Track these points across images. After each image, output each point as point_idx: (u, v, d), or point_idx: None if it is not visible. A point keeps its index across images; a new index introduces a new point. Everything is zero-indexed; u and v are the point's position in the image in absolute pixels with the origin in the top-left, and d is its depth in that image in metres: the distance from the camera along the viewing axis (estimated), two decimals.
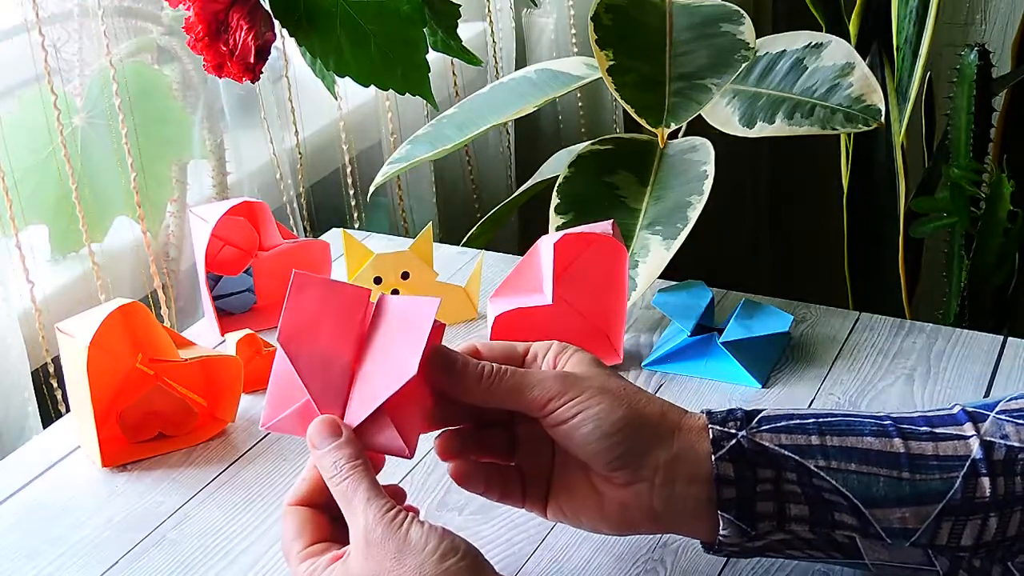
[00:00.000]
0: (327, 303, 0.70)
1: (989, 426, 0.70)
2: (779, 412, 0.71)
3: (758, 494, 0.69)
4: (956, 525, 0.68)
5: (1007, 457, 0.68)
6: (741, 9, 1.19)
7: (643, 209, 1.05)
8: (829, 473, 0.68)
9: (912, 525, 0.68)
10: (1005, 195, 1.52)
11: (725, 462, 0.69)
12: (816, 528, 0.69)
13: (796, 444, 0.69)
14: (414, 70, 0.96)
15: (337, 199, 1.47)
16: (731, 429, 0.70)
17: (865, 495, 0.68)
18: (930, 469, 0.68)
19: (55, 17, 1.09)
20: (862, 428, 0.70)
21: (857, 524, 0.69)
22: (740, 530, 0.69)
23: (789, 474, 0.69)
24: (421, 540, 0.63)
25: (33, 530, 0.82)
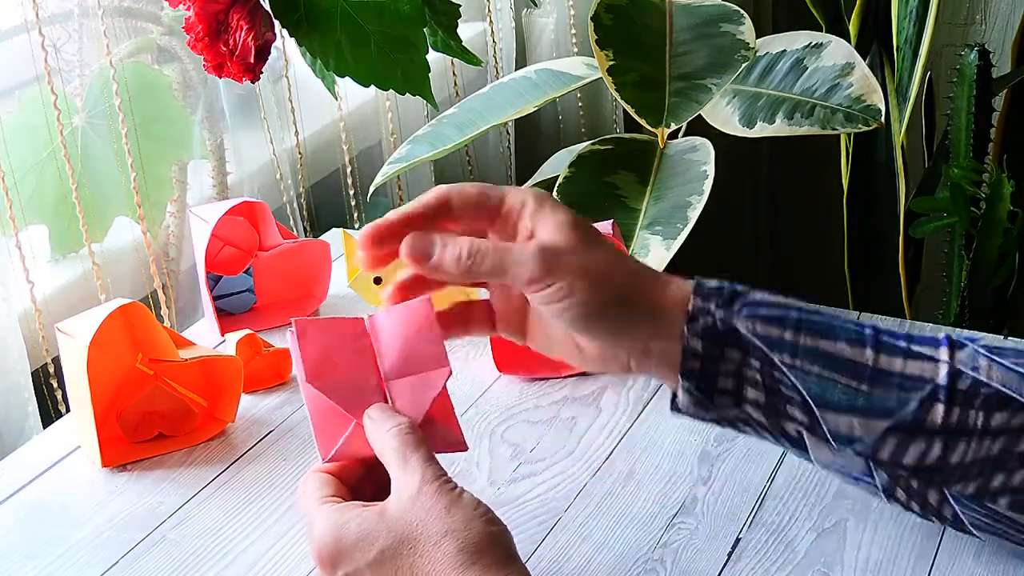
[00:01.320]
0: (332, 339, 0.72)
1: (964, 356, 0.71)
2: (766, 299, 0.72)
3: (721, 372, 0.71)
4: (901, 444, 0.70)
5: (970, 389, 0.69)
6: (741, 9, 1.19)
7: (643, 209, 1.05)
8: (791, 371, 0.70)
9: (858, 434, 0.70)
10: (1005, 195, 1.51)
11: (696, 337, 0.70)
12: (769, 415, 0.71)
13: (768, 335, 0.71)
14: (414, 70, 0.96)
15: (337, 199, 1.47)
16: (711, 306, 0.71)
17: (820, 398, 0.70)
18: (890, 386, 0.70)
19: (55, 17, 1.09)
20: (838, 333, 0.71)
21: (807, 421, 0.70)
22: (697, 400, 0.71)
23: (753, 361, 0.70)
24: (472, 501, 0.66)
25: (33, 530, 0.82)
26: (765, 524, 0.79)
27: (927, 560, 0.76)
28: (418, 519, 0.65)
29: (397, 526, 0.66)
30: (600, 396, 0.94)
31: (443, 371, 0.72)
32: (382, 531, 0.66)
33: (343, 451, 0.71)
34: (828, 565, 0.76)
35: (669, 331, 0.71)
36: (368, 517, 0.66)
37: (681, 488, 0.83)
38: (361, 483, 0.72)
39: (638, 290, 0.71)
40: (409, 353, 0.72)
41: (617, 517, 0.81)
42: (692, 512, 0.81)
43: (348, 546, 0.66)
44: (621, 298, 0.70)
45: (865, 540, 0.77)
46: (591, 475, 0.85)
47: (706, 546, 0.78)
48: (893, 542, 0.77)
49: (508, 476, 0.85)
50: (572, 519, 0.81)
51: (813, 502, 0.81)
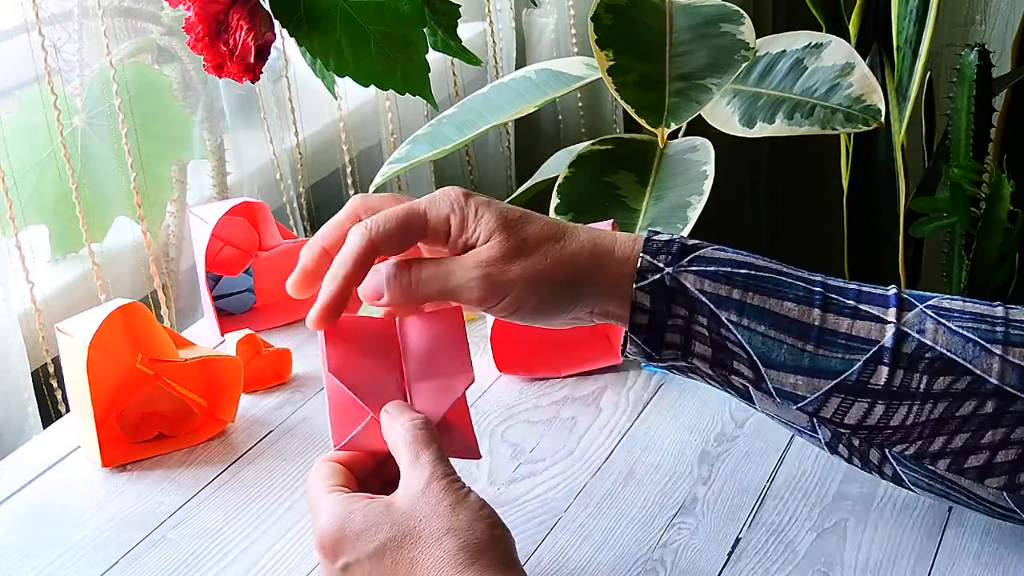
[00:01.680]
0: (360, 334, 0.73)
1: (912, 317, 0.71)
2: (715, 255, 0.73)
3: (668, 327, 0.72)
4: (843, 403, 0.71)
5: (915, 352, 0.70)
6: (741, 9, 1.19)
7: (643, 209, 1.05)
8: (738, 329, 0.71)
9: (802, 392, 0.71)
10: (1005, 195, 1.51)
11: (644, 292, 0.72)
12: (715, 368, 0.73)
13: (716, 293, 0.72)
14: (414, 70, 0.96)
15: (337, 199, 1.47)
16: (659, 263, 0.72)
17: (765, 357, 0.71)
18: (836, 347, 0.71)
19: (55, 17, 1.09)
20: (787, 292, 0.72)
21: (752, 377, 0.72)
22: (645, 352, 0.73)
23: (701, 318, 0.72)
24: (478, 502, 0.66)
25: (33, 530, 0.82)
26: (765, 524, 0.79)
27: (927, 560, 0.76)
28: (422, 514, 0.65)
29: (401, 519, 0.66)
30: (600, 396, 0.94)
31: (466, 377, 0.72)
32: (386, 523, 0.66)
33: (356, 442, 0.71)
34: (828, 565, 0.76)
35: (620, 294, 0.72)
36: (374, 508, 0.67)
37: (681, 488, 0.83)
38: (369, 477, 0.72)
39: (584, 272, 0.72)
40: (434, 357, 0.73)
41: (617, 517, 0.81)
42: (692, 512, 0.81)
43: (351, 535, 0.66)
44: (569, 288, 0.72)
45: (865, 540, 0.77)
46: (591, 475, 0.85)
47: (706, 546, 0.78)
48: (893, 542, 0.77)
49: (508, 476, 0.85)
50: (572, 519, 0.81)
51: (813, 502, 0.81)
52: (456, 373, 0.72)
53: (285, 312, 1.08)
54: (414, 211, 0.71)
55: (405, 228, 0.71)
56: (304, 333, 1.06)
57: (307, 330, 1.05)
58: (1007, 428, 0.69)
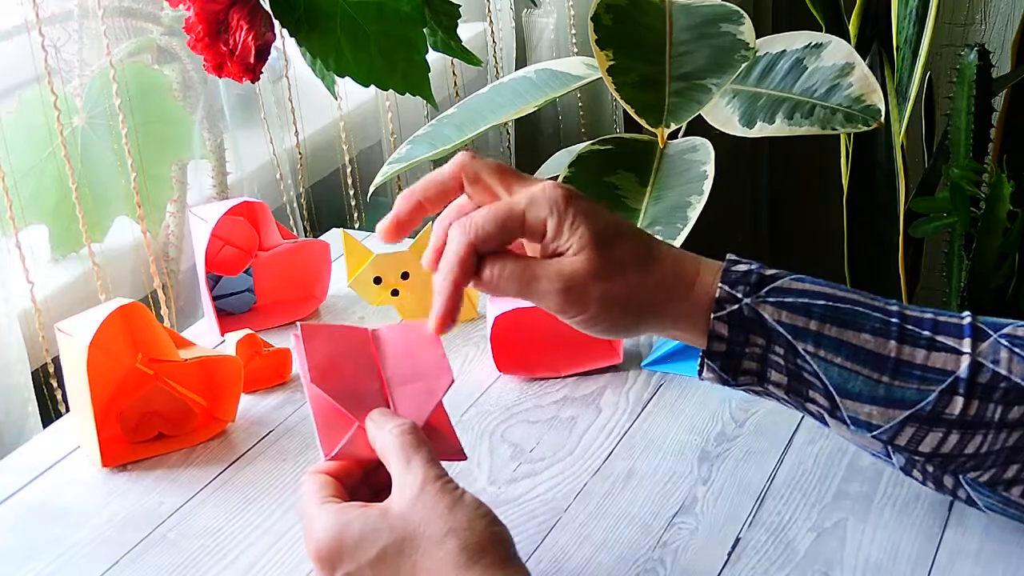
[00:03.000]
0: (337, 344, 0.74)
1: (987, 347, 0.72)
2: (792, 286, 0.74)
3: (746, 354, 0.73)
4: (918, 432, 0.71)
5: (990, 383, 0.70)
6: (741, 9, 1.19)
7: (643, 209, 1.05)
8: (815, 360, 0.72)
9: (877, 422, 0.72)
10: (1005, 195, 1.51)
11: (722, 323, 0.73)
12: (791, 395, 0.74)
13: (794, 324, 0.72)
14: (414, 70, 0.96)
15: (337, 199, 1.47)
16: (738, 293, 0.73)
17: (841, 387, 0.72)
18: (912, 378, 0.71)
19: (55, 17, 1.09)
20: (864, 323, 0.73)
21: (827, 406, 0.73)
22: (721, 378, 0.75)
23: (777, 348, 0.72)
24: (474, 502, 0.66)
25: (33, 530, 0.82)
26: (765, 524, 0.79)
27: (927, 560, 0.76)
28: (421, 517, 0.65)
29: (400, 524, 0.66)
30: (600, 396, 0.94)
31: (445, 379, 0.73)
32: (384, 530, 0.66)
33: (346, 450, 0.71)
34: (828, 565, 0.76)
35: (697, 323, 0.73)
36: (371, 515, 0.66)
37: (681, 488, 0.83)
38: (359, 487, 0.72)
39: (661, 304, 0.73)
40: (412, 362, 0.74)
41: (617, 517, 0.81)
42: (692, 512, 0.81)
43: (350, 545, 0.66)
44: (644, 315, 0.73)
45: (865, 540, 0.77)
46: (591, 475, 0.85)
47: (706, 546, 0.78)
48: (893, 542, 0.77)
49: (508, 476, 0.85)
50: (572, 519, 0.81)
51: (813, 502, 0.81)
52: (436, 375, 0.73)
53: (285, 312, 1.08)
54: (514, 213, 0.72)
55: (504, 230, 0.72)
56: None
57: None
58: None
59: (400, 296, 1.03)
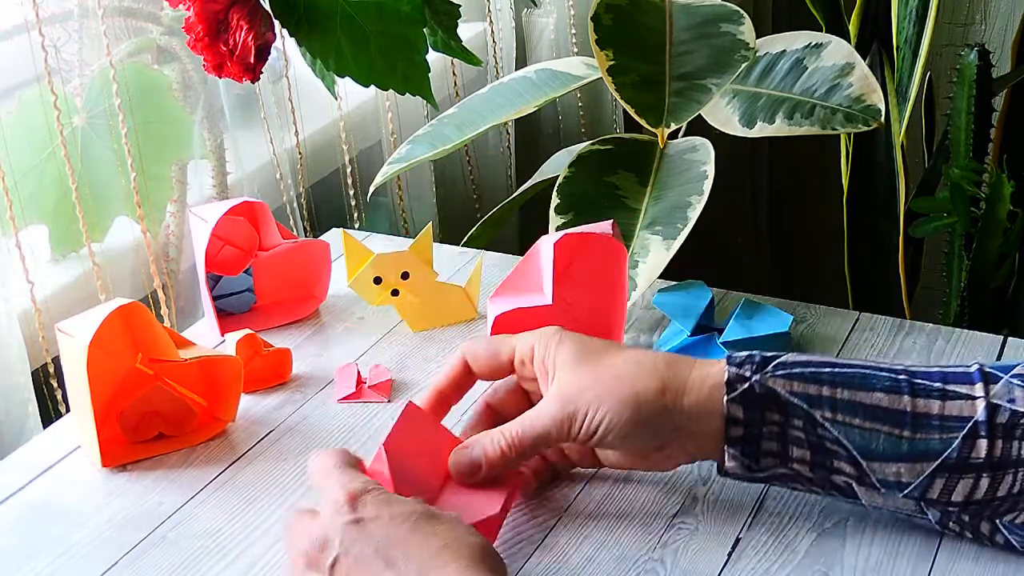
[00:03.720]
0: (428, 438, 0.77)
1: (1000, 388, 0.72)
2: (797, 359, 0.75)
3: (764, 434, 0.74)
4: (949, 482, 0.72)
5: (1009, 422, 0.71)
6: (741, 9, 1.19)
7: (643, 209, 1.05)
8: (834, 425, 0.72)
9: (906, 479, 0.72)
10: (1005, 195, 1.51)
11: (736, 404, 0.73)
12: (816, 470, 0.74)
13: (806, 393, 0.73)
14: (414, 70, 0.96)
15: (337, 199, 1.47)
16: (746, 372, 0.74)
17: (864, 449, 0.72)
18: (932, 429, 0.72)
19: (55, 17, 1.09)
20: (874, 383, 0.73)
21: (854, 473, 0.73)
22: (744, 464, 0.75)
23: (796, 420, 0.73)
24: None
25: (33, 530, 0.82)
26: (765, 524, 0.79)
27: (927, 560, 0.76)
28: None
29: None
30: None
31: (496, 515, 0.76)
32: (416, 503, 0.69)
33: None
34: (828, 565, 0.76)
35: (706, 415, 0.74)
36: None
37: (681, 488, 0.83)
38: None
39: (657, 391, 0.75)
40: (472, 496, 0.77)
41: (617, 517, 0.81)
42: (692, 512, 0.81)
43: (382, 497, 0.69)
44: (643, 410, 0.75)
45: (865, 540, 0.77)
46: (591, 475, 0.85)
47: (706, 546, 0.78)
48: (893, 542, 0.77)
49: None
50: (572, 519, 0.81)
51: (813, 502, 0.81)
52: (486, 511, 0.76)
53: (285, 312, 1.08)
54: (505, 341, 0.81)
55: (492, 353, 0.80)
56: (304, 333, 1.06)
57: (307, 330, 1.06)
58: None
59: (400, 296, 1.03)
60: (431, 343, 1.03)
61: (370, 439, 0.90)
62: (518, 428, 0.76)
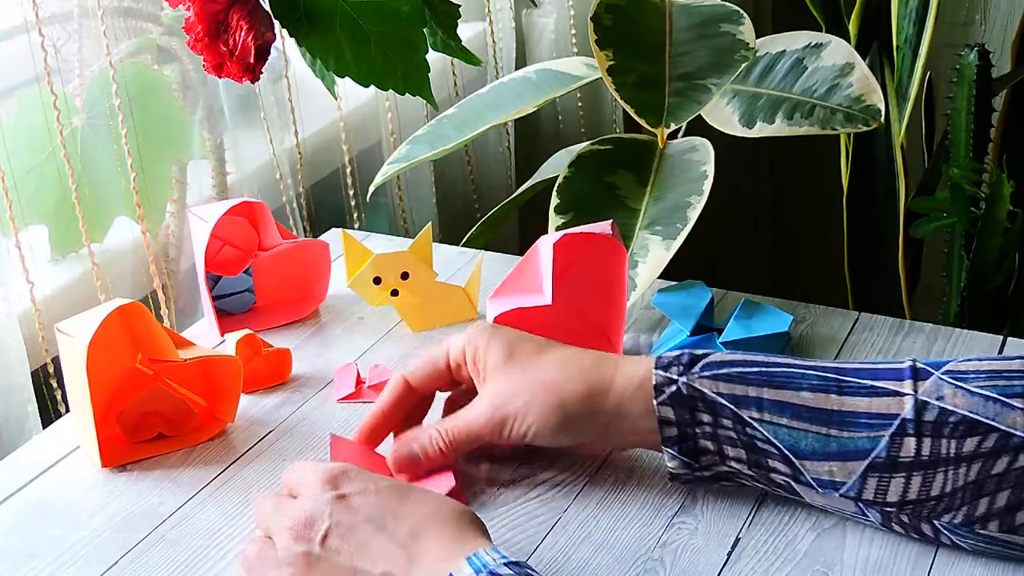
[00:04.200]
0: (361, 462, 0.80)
1: (929, 385, 0.72)
2: (725, 358, 0.75)
3: (698, 434, 0.75)
4: (881, 482, 0.72)
5: (937, 419, 0.71)
6: (741, 9, 1.19)
7: (643, 209, 1.05)
8: (762, 425, 0.73)
9: (839, 478, 0.73)
10: (1005, 195, 1.51)
11: (666, 406, 0.75)
12: (754, 468, 0.75)
13: (732, 393, 0.74)
14: (414, 70, 0.96)
15: (337, 199, 1.47)
16: (673, 375, 0.75)
17: (794, 448, 0.73)
18: (859, 427, 0.72)
19: (55, 17, 1.09)
20: (800, 383, 0.73)
21: (789, 472, 0.74)
22: (684, 463, 0.77)
23: (725, 420, 0.74)
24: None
25: (33, 530, 0.82)
26: (765, 524, 0.79)
27: (927, 560, 0.76)
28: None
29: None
30: None
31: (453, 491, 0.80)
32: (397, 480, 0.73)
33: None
34: (828, 565, 0.76)
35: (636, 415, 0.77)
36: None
37: (681, 488, 0.83)
38: None
39: (584, 393, 0.77)
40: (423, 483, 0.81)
41: (617, 517, 0.81)
42: (692, 512, 0.81)
43: (364, 474, 0.71)
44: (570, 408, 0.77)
45: (865, 540, 0.77)
46: (591, 475, 0.85)
47: (706, 546, 0.78)
48: (893, 542, 0.77)
49: (508, 476, 0.85)
50: (572, 519, 0.81)
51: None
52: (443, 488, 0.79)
53: (285, 312, 1.08)
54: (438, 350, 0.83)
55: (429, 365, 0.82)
56: (304, 333, 1.06)
57: (307, 330, 1.06)
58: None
59: (400, 296, 1.03)
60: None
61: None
62: (453, 428, 0.80)
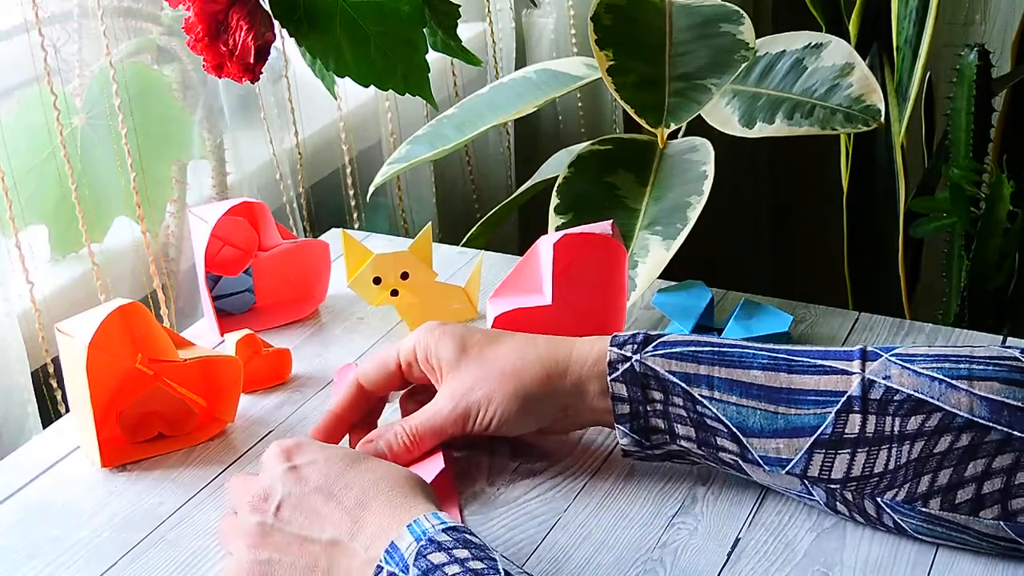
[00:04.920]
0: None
1: (877, 366, 0.73)
2: (679, 338, 0.77)
3: (649, 412, 0.77)
4: (826, 458, 0.73)
5: (883, 397, 0.72)
6: (741, 9, 1.19)
7: (643, 209, 1.05)
8: (712, 403, 0.75)
9: (786, 455, 0.74)
10: (1005, 195, 1.51)
11: (619, 383, 0.77)
12: (702, 447, 0.78)
13: (684, 372, 0.76)
14: (414, 70, 0.96)
15: (337, 199, 1.47)
16: (627, 352, 0.77)
17: (742, 426, 0.75)
18: (806, 404, 0.74)
19: (55, 17, 1.09)
20: (751, 362, 0.75)
21: (736, 450, 0.75)
22: (636, 440, 0.78)
23: (675, 399, 0.76)
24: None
25: (33, 530, 0.82)
26: (765, 524, 0.79)
27: (927, 560, 0.76)
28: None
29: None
30: None
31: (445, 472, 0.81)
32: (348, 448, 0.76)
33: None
34: (828, 565, 0.76)
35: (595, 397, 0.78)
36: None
37: (681, 488, 0.83)
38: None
39: (551, 379, 0.79)
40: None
41: (617, 517, 0.81)
42: (692, 512, 0.81)
43: (316, 445, 0.74)
44: (529, 394, 0.79)
45: (865, 540, 0.77)
46: (591, 475, 0.85)
47: (706, 546, 0.78)
48: (893, 542, 0.77)
49: (508, 476, 0.85)
50: (572, 519, 0.81)
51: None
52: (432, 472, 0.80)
53: (285, 312, 1.08)
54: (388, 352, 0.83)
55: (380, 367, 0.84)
56: (304, 333, 1.06)
57: (307, 330, 1.06)
58: (987, 458, 0.71)
59: (400, 296, 1.03)
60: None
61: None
62: (417, 425, 0.80)
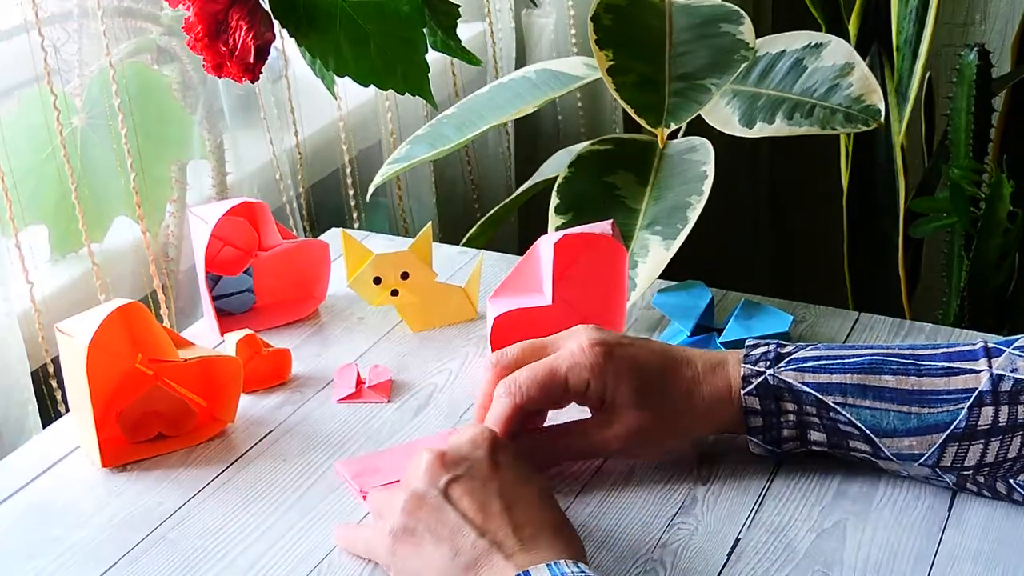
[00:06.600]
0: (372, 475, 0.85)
1: (1003, 360, 0.77)
2: (808, 353, 0.80)
3: (782, 423, 0.80)
4: (960, 450, 0.76)
5: (1013, 389, 0.75)
6: (741, 9, 1.19)
7: (643, 209, 1.05)
8: (845, 408, 0.78)
9: (919, 451, 0.77)
10: (1005, 195, 1.51)
11: (752, 396, 0.80)
12: (834, 449, 0.81)
13: (817, 382, 0.78)
14: (414, 70, 0.96)
15: (337, 199, 1.47)
16: (761, 367, 0.79)
17: (876, 428, 0.78)
18: (939, 403, 0.77)
19: (55, 17, 1.09)
20: (881, 368, 0.78)
21: (870, 449, 0.79)
22: (767, 449, 0.82)
23: (809, 408, 0.79)
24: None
25: (33, 530, 0.82)
26: (765, 524, 0.79)
27: (927, 560, 0.76)
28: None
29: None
30: None
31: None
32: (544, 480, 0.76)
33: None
34: (828, 565, 0.76)
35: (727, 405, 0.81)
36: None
37: (681, 488, 0.83)
38: None
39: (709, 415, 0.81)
40: None
41: (617, 517, 0.81)
42: (692, 512, 0.81)
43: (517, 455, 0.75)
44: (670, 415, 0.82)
45: (865, 540, 0.77)
46: (591, 475, 0.85)
47: (706, 546, 0.78)
48: (893, 542, 0.77)
49: None
50: (572, 519, 0.80)
51: (813, 502, 0.81)
52: None
53: (285, 312, 1.08)
54: (556, 378, 0.79)
55: (547, 394, 0.80)
56: (304, 333, 1.06)
57: (307, 330, 1.06)
58: None
59: (400, 296, 1.03)
60: (431, 343, 1.03)
61: (369, 439, 0.90)
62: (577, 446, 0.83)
